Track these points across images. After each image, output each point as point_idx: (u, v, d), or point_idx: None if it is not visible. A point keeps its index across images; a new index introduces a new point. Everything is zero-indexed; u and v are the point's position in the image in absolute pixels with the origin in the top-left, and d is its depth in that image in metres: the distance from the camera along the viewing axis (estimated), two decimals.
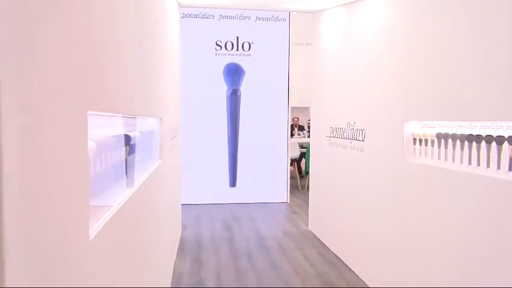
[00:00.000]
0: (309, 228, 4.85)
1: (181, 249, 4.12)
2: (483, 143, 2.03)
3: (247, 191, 6.40)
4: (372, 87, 3.19)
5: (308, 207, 4.94)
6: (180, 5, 4.56)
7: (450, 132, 2.28)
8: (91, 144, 1.11)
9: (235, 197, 6.35)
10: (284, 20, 6.38)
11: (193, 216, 5.53)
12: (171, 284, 3.27)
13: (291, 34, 6.43)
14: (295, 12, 6.27)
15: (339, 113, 3.89)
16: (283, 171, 6.51)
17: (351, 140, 3.55)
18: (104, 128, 1.43)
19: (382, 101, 3.01)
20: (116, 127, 1.62)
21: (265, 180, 6.43)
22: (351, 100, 3.58)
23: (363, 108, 3.33)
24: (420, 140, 2.57)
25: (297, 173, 7.78)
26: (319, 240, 4.43)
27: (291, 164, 9.15)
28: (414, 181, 2.53)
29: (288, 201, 6.50)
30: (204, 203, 6.24)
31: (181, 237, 4.53)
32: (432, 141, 2.44)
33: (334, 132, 3.97)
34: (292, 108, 10.54)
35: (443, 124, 2.35)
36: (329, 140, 4.14)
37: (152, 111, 2.27)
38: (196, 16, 6.16)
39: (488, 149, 2.00)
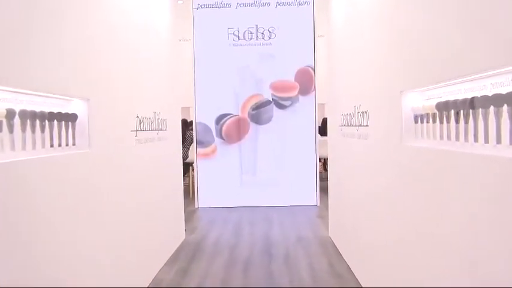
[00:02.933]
0: (329, 234, 4.22)
1: (176, 256, 3.69)
2: (491, 109, 1.37)
3: (273, 193, 5.86)
4: (371, 61, 2.55)
5: None
6: None
7: (451, 99, 1.62)
8: None
9: (260, 199, 5.84)
10: (308, 3, 5.79)
11: (210, 220, 5.11)
12: None
13: (316, 20, 5.82)
14: None
15: (347, 97, 3.26)
16: (312, 172, 5.88)
17: (357, 127, 2.92)
18: None
19: (379, 73, 2.37)
20: None
21: (295, 182, 5.85)
22: (357, 82, 2.95)
23: (365, 86, 2.69)
24: (422, 117, 1.91)
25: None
26: (336, 248, 3.79)
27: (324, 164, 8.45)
28: (415, 172, 1.87)
29: (318, 204, 5.86)
30: (226, 206, 5.80)
31: (182, 242, 4.11)
32: (434, 116, 1.78)
33: (344, 120, 3.34)
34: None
35: (451, 91, 1.69)
36: (341, 129, 3.51)
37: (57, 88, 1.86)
38: (211, 6, 5.77)
39: (499, 116, 1.33)
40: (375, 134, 2.48)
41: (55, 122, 1.81)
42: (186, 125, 7.01)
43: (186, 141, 6.76)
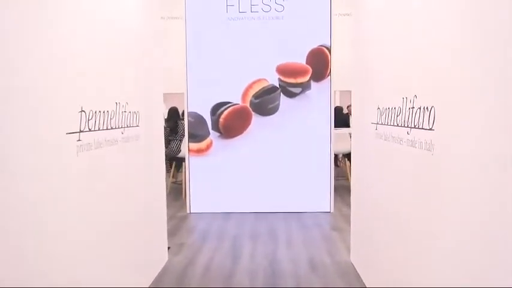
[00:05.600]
0: (351, 259, 3.31)
1: None
2: None
3: (279, 197, 4.95)
4: (439, 35, 1.59)
5: None
6: None
7: None
8: None
9: (264, 204, 4.93)
10: None
11: (203, 232, 4.21)
12: None
13: None
14: None
15: (390, 85, 2.30)
16: (325, 171, 4.95)
17: (408, 129, 1.97)
18: None
19: (460, 48, 1.42)
20: None
21: (305, 184, 4.93)
22: (411, 63, 1.98)
23: (432, 71, 1.73)
24: None
25: (349, 171, 6.14)
26: (361, 280, 2.89)
27: (339, 161, 7.53)
28: None
29: (332, 211, 4.95)
30: (224, 211, 4.91)
31: (164, 267, 3.22)
32: None
33: (383, 116, 2.39)
34: (344, 92, 8.87)
35: None
36: (375, 128, 2.56)
37: None
38: None
39: None
40: (450, 145, 1.54)
41: None
42: (178, 115, 6.08)
43: (179, 133, 5.84)
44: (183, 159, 5.56)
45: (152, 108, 3.09)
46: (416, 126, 1.88)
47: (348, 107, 8.56)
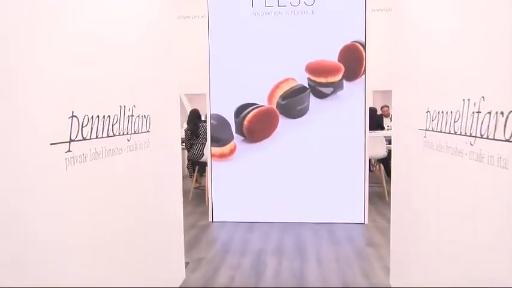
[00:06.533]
0: (390, 282, 2.91)
1: None
2: None
3: (307, 206, 4.57)
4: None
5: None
6: None
7: None
8: None
9: (291, 214, 4.57)
10: None
11: (224, 245, 3.89)
12: None
13: None
14: None
15: (444, 84, 1.90)
16: (358, 179, 4.54)
17: (471, 139, 1.57)
18: None
19: None
20: None
21: (336, 192, 4.54)
22: (476, 58, 1.58)
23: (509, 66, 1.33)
24: None
25: (383, 177, 5.69)
26: None
27: (373, 165, 7.05)
28: None
29: (366, 222, 4.53)
30: (248, 220, 4.59)
31: (181, 285, 2.92)
32: None
33: (434, 122, 1.99)
34: (376, 93, 8.35)
35: None
36: (424, 135, 2.16)
37: None
38: None
39: None
40: None
41: None
42: (199, 117, 5.79)
43: (200, 136, 5.56)
44: (206, 164, 5.28)
45: (166, 111, 2.79)
46: (484, 136, 1.48)
47: (382, 108, 8.06)
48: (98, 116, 1.77)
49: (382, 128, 7.34)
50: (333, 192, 4.53)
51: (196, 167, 5.87)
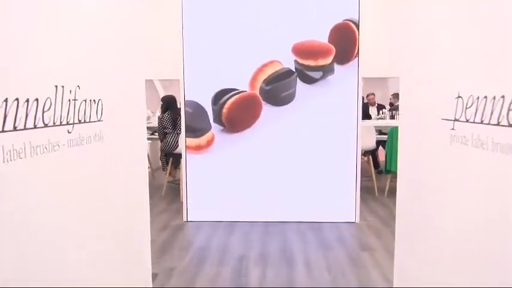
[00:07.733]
0: None
1: None
2: None
3: (293, 203, 4.14)
4: None
5: (392, 238, 2.56)
6: None
7: None
8: None
9: (275, 212, 4.13)
10: None
11: (200, 251, 3.41)
12: None
13: None
14: None
15: (475, 66, 1.45)
16: (350, 175, 4.11)
17: None
18: None
19: None
20: None
21: (324, 188, 4.11)
22: None
23: None
24: None
25: (372, 170, 5.31)
26: None
27: (362, 157, 6.65)
28: None
29: (357, 221, 4.12)
30: (227, 219, 4.12)
31: None
32: None
33: (468, 111, 1.54)
34: (363, 80, 7.96)
35: None
36: (451, 126, 1.71)
37: None
38: None
39: None
40: None
41: None
42: (176, 105, 5.27)
43: (178, 126, 5.04)
44: (181, 155, 4.77)
45: (129, 97, 2.26)
46: None
47: (368, 96, 7.66)
48: (16, 99, 1.24)
49: (369, 118, 6.95)
50: (321, 188, 4.10)
51: (170, 159, 5.35)
